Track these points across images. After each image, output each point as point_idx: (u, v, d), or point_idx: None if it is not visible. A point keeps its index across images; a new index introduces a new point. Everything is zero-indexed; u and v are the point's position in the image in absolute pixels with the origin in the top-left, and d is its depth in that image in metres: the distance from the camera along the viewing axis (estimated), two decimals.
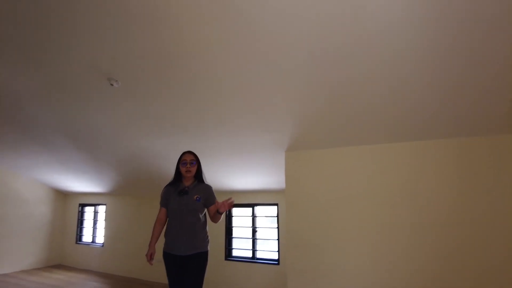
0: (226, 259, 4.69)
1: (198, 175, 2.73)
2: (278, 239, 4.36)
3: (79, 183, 5.94)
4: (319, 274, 3.12)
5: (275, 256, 4.40)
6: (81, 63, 2.50)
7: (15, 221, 5.96)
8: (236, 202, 4.82)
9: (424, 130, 2.75)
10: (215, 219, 2.65)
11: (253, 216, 4.64)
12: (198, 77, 2.50)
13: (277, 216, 4.41)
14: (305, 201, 3.30)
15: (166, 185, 2.76)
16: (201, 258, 2.57)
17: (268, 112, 2.84)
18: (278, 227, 4.38)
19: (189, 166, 2.65)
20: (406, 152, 2.92)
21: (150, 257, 2.61)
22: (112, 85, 2.59)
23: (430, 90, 2.28)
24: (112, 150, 4.21)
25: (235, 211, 4.90)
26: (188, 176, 2.66)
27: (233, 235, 4.80)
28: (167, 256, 2.60)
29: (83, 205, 6.73)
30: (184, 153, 2.74)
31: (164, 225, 2.72)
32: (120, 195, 6.01)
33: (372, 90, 2.38)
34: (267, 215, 4.62)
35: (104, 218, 6.23)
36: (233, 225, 4.82)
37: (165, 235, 2.65)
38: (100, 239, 6.29)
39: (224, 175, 4.22)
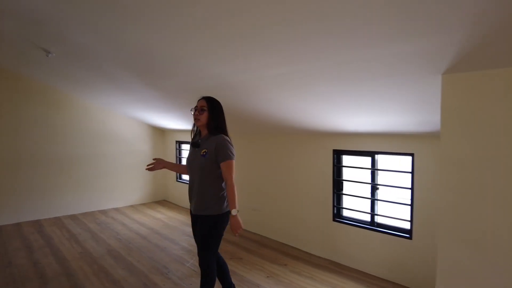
0: (334, 219, 3.64)
1: (212, 124, 2.29)
2: (411, 204, 3.02)
3: (169, 121, 5.47)
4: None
5: (405, 226, 3.13)
6: None
7: (119, 158, 6.02)
8: (348, 148, 3.53)
9: None
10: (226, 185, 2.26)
11: (373, 169, 3.33)
12: None
13: (412, 172, 3.01)
14: (478, 158, 1.84)
15: None
16: (207, 221, 2.25)
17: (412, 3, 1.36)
18: (412, 187, 3.01)
19: (198, 114, 2.30)
20: None
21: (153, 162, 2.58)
22: None
23: None
24: (185, 85, 3.31)
25: (347, 159, 3.66)
26: (198, 125, 2.35)
27: (343, 191, 3.64)
28: (190, 212, 2.46)
29: (179, 142, 6.44)
30: (199, 99, 2.36)
31: (182, 171, 2.70)
32: None
33: None
34: (395, 168, 3.26)
35: None
36: (343, 178, 3.63)
37: None
38: None
39: (332, 111, 2.92)
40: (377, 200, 3.31)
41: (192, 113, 2.35)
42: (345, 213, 3.63)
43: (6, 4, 2.35)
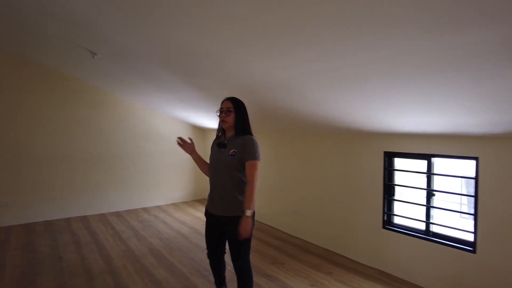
0: (384, 227, 3.38)
1: (239, 125, 2.26)
2: (475, 214, 2.71)
3: (208, 120, 5.46)
4: None
5: (467, 237, 2.81)
6: None
7: (161, 157, 6.12)
8: (401, 150, 3.14)
9: None
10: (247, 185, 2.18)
11: (430, 173, 3.04)
12: None
13: (476, 178, 2.69)
14: None
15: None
16: (238, 224, 2.15)
17: None
18: (476, 195, 2.70)
19: (224, 116, 2.26)
20: None
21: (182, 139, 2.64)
22: None
23: None
24: (226, 83, 3.23)
25: (399, 162, 3.38)
26: (225, 127, 2.30)
27: (395, 197, 3.37)
28: (207, 213, 2.43)
29: None
30: (223, 100, 2.31)
31: (203, 169, 2.65)
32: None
33: None
34: (455, 173, 2.94)
35: None
36: (395, 183, 3.36)
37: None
38: None
39: (383, 110, 2.69)
40: (433, 207, 3.01)
41: (218, 115, 2.32)
42: (397, 220, 3.36)
43: (49, 6, 2.40)
